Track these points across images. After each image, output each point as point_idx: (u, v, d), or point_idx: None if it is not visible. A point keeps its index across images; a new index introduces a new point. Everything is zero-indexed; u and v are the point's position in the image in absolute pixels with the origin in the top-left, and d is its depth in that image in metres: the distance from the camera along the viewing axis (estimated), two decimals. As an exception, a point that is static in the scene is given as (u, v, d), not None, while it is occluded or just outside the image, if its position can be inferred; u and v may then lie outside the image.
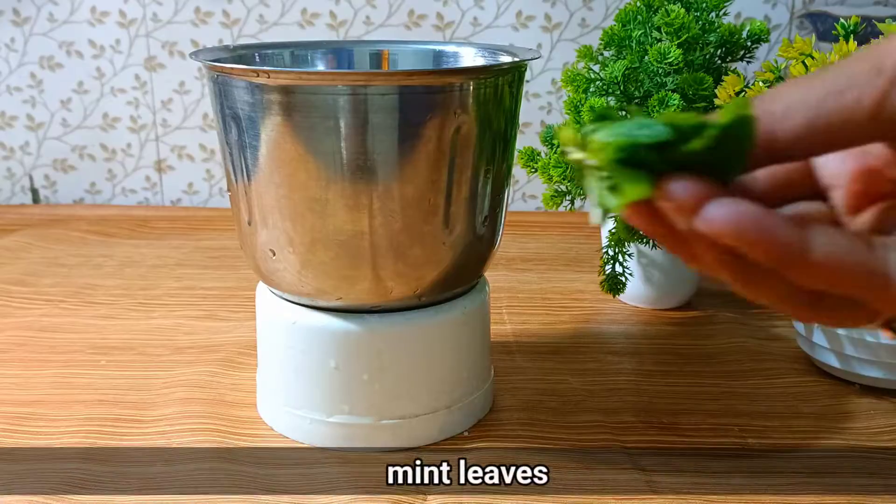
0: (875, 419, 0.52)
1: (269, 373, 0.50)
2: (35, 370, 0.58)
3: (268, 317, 0.49)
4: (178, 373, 0.57)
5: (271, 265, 0.47)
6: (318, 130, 0.42)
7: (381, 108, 0.41)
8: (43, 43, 0.93)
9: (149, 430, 0.50)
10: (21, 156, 0.97)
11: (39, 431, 0.50)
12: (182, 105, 0.94)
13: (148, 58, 0.92)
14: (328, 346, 0.47)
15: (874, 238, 0.22)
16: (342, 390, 0.47)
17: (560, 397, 0.54)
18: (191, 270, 0.77)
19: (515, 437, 0.50)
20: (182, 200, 0.97)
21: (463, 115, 0.43)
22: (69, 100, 0.94)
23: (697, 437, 0.50)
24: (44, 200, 0.98)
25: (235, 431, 0.50)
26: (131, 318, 0.66)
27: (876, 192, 0.24)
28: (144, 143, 0.95)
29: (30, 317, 0.67)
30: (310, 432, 0.49)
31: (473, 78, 0.43)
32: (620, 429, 0.51)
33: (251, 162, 0.45)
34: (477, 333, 0.51)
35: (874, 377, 0.54)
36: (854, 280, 0.21)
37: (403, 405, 0.48)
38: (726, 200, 0.21)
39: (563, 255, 0.82)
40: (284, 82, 0.41)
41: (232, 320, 0.66)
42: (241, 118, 0.44)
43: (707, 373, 0.58)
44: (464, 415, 0.50)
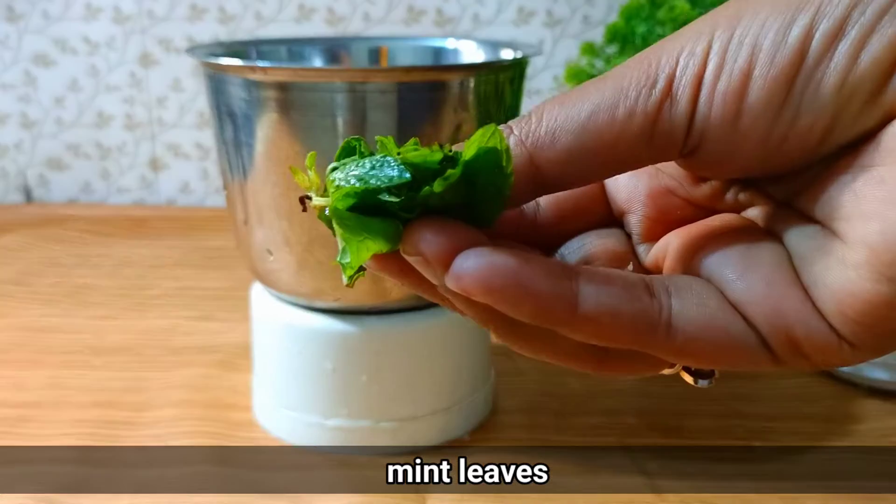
0: (882, 421, 0.51)
1: (266, 375, 0.50)
2: (30, 371, 0.57)
3: (264, 318, 0.49)
4: (174, 374, 0.57)
5: (268, 265, 0.46)
6: (316, 128, 0.41)
7: (380, 105, 0.41)
8: (37, 40, 0.92)
9: (144, 433, 0.50)
10: (14, 154, 0.96)
11: (34, 433, 0.50)
12: (178, 103, 0.93)
13: (143, 55, 0.91)
14: (326, 348, 0.46)
15: (655, 280, 0.19)
16: (340, 392, 0.47)
17: (561, 399, 0.54)
18: (187, 271, 0.76)
19: (516, 438, 0.49)
20: (177, 199, 0.96)
21: (463, 112, 0.42)
22: (63, 98, 0.93)
23: (701, 440, 0.49)
24: (38, 199, 0.97)
25: (232, 434, 0.49)
26: (127, 319, 0.66)
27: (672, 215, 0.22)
28: (139, 141, 0.95)
29: (25, 317, 0.66)
30: (307, 435, 0.48)
31: (473, 74, 0.43)
32: (623, 431, 0.50)
33: (247, 160, 0.44)
34: (477, 334, 0.50)
35: (881, 379, 0.53)
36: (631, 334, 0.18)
37: (402, 407, 0.47)
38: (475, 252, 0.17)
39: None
40: (281, 79, 0.41)
41: (229, 321, 0.65)
42: (238, 115, 0.43)
43: (711, 373, 0.57)
44: (464, 417, 0.49)
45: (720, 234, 0.20)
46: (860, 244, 0.17)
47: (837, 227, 0.18)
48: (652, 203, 0.22)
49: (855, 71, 0.17)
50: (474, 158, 0.18)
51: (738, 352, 0.19)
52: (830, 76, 0.18)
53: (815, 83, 0.18)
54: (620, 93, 0.19)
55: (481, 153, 0.18)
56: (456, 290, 0.18)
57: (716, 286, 0.19)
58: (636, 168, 0.20)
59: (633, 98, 0.19)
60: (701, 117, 0.18)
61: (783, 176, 0.20)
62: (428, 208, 0.18)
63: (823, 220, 0.19)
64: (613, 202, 0.23)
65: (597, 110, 0.19)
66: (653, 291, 0.19)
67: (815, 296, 0.18)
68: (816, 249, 0.18)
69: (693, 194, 0.22)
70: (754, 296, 0.19)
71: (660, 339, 0.18)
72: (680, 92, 0.18)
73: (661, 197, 0.22)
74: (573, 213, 0.23)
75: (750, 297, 0.19)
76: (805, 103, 0.18)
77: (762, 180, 0.21)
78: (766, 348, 0.19)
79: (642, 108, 0.19)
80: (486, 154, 0.18)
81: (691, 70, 0.18)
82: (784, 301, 0.18)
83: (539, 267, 0.18)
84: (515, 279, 0.17)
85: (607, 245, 0.22)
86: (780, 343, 0.19)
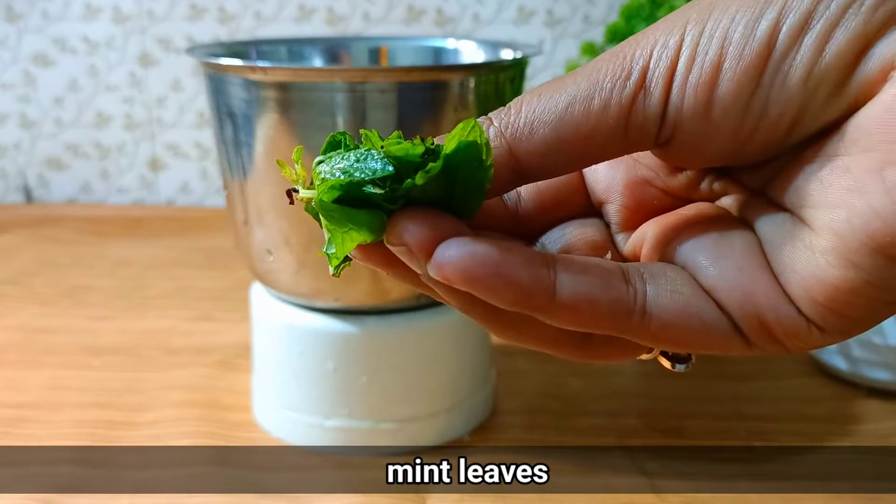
0: (883, 421, 0.51)
1: (265, 375, 0.50)
2: (28, 371, 0.57)
3: (263, 318, 0.49)
4: (172, 375, 0.56)
5: (268, 265, 0.46)
6: (316, 128, 0.41)
7: (380, 104, 0.41)
8: (36, 40, 0.92)
9: (143, 433, 0.49)
10: (14, 154, 0.95)
11: (32, 433, 0.49)
12: (177, 103, 0.93)
13: (142, 55, 0.91)
14: (326, 348, 0.46)
15: (630, 268, 0.20)
16: (340, 393, 0.47)
17: (562, 400, 0.54)
18: (186, 271, 0.76)
19: (516, 439, 0.49)
20: (177, 199, 0.96)
21: (463, 112, 0.42)
22: (62, 98, 0.93)
23: (702, 440, 0.49)
24: (37, 199, 0.97)
25: (231, 435, 0.49)
26: (125, 320, 0.66)
27: (649, 205, 0.22)
28: (139, 141, 0.94)
29: (22, 318, 0.66)
30: (307, 435, 0.48)
31: (473, 74, 0.43)
32: (624, 432, 0.50)
33: (247, 160, 0.44)
34: (477, 335, 0.50)
35: (882, 380, 0.53)
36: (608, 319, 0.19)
37: (403, 408, 0.47)
38: (457, 241, 0.18)
39: (564, 254, 0.81)
40: (281, 79, 0.41)
41: (227, 322, 0.65)
42: (237, 115, 0.43)
43: (712, 374, 0.57)
44: (464, 418, 0.49)
45: (694, 223, 0.21)
46: (827, 231, 0.18)
47: (805, 214, 0.19)
48: (629, 193, 0.23)
49: (820, 63, 0.18)
50: (454, 152, 0.19)
51: (711, 337, 0.19)
52: (797, 69, 0.18)
53: (783, 75, 0.18)
54: (596, 85, 0.19)
55: (462, 147, 0.18)
56: (438, 279, 0.18)
57: (690, 273, 0.20)
58: (613, 157, 0.20)
59: (609, 90, 0.19)
60: (674, 108, 0.19)
61: (755, 165, 0.20)
62: (411, 200, 0.19)
63: (792, 208, 0.19)
64: (592, 193, 0.23)
65: (573, 102, 0.19)
66: (628, 279, 0.19)
67: (784, 281, 0.19)
68: (786, 236, 0.19)
69: (669, 184, 0.22)
70: (726, 282, 0.19)
71: (635, 325, 0.19)
72: (653, 84, 0.19)
73: (639, 187, 0.23)
74: (554, 204, 0.23)
75: (722, 283, 0.19)
76: (773, 95, 0.18)
77: (735, 170, 0.21)
78: (739, 333, 0.19)
79: (617, 99, 0.19)
80: (466, 148, 0.19)
81: (664, 63, 0.19)
82: (755, 287, 0.19)
83: (518, 256, 0.18)
84: (495, 268, 0.18)
85: (587, 234, 0.23)
86: (752, 328, 0.19)
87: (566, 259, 0.19)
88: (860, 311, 0.18)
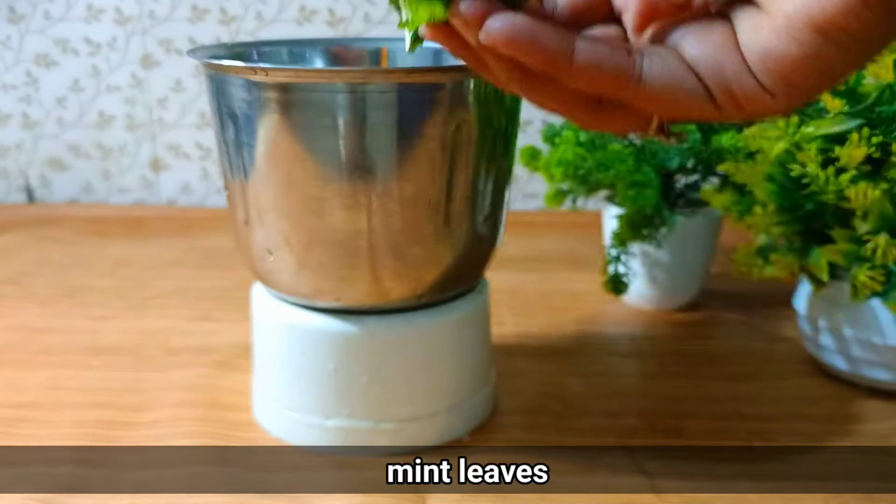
0: (883, 421, 0.51)
1: (266, 375, 0.50)
2: (28, 371, 0.57)
3: (264, 318, 0.49)
4: (172, 375, 0.56)
5: (268, 265, 0.46)
6: (316, 128, 0.41)
7: (380, 105, 0.41)
8: (38, 40, 0.92)
9: (143, 433, 0.49)
10: (16, 154, 0.96)
11: (32, 433, 0.49)
12: (178, 103, 0.93)
13: (144, 55, 0.91)
14: (326, 348, 0.46)
15: (633, 46, 0.26)
16: (340, 393, 0.47)
17: (562, 400, 0.54)
18: (186, 271, 0.76)
19: (516, 439, 0.49)
20: (178, 200, 0.96)
21: (463, 112, 0.42)
22: (64, 98, 0.93)
23: (702, 440, 0.49)
24: (39, 200, 0.97)
25: (231, 434, 0.49)
26: (125, 320, 0.66)
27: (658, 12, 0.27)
28: (140, 141, 0.95)
29: (22, 318, 0.66)
30: (307, 435, 0.48)
31: (474, 75, 0.43)
32: (624, 432, 0.50)
33: (248, 160, 0.44)
34: (478, 335, 0.50)
35: (882, 380, 0.53)
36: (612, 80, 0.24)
37: (403, 408, 0.47)
38: (503, 14, 0.24)
39: (566, 254, 0.81)
40: (282, 80, 0.41)
41: (227, 321, 0.65)
42: (238, 116, 0.43)
43: (712, 375, 0.57)
44: (464, 418, 0.49)
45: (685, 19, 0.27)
46: (780, 15, 0.24)
47: (768, 5, 0.24)
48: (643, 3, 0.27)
49: None
50: None
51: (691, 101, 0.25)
52: None
53: None
54: None
55: None
56: (486, 44, 0.24)
57: (679, 52, 0.26)
58: None
59: None
60: None
61: None
62: None
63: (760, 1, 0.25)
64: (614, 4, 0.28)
65: None
66: (631, 52, 0.25)
67: (747, 57, 0.25)
68: (751, 21, 0.25)
69: None
70: (704, 58, 0.25)
71: (633, 87, 0.25)
72: None
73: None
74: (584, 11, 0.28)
75: (701, 59, 0.25)
76: None
77: None
78: (711, 99, 0.25)
79: None
80: None
81: None
82: (725, 61, 0.25)
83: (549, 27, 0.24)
84: (531, 35, 0.24)
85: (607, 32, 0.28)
86: (722, 94, 0.25)
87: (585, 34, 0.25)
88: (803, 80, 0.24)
